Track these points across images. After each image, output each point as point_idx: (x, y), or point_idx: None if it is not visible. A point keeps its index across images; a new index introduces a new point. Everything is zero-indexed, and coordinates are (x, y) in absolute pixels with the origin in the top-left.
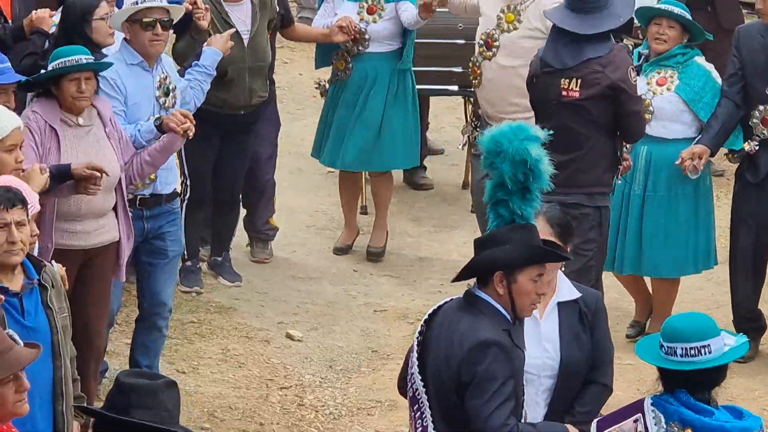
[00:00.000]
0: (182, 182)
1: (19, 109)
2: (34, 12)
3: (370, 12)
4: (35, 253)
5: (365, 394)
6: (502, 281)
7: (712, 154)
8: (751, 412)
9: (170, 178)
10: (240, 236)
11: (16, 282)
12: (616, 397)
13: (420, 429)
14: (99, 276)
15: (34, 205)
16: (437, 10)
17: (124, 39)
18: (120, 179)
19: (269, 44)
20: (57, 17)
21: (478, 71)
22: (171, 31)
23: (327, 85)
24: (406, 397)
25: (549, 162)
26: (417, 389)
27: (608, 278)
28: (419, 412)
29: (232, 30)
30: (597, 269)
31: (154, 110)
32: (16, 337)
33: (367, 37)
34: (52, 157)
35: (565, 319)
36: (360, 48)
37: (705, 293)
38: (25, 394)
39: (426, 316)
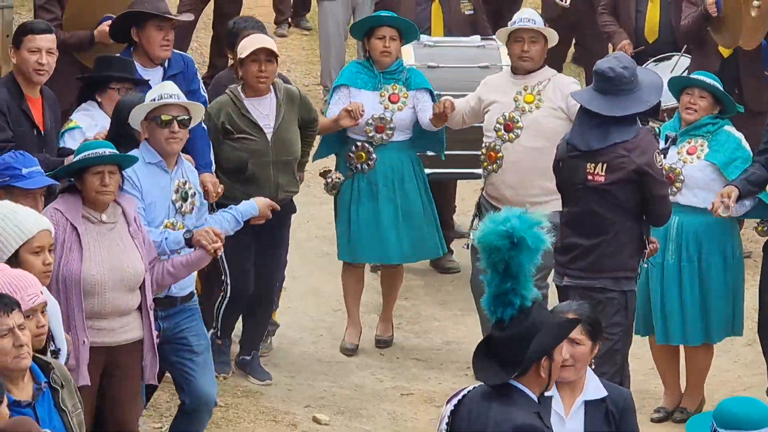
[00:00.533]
0: (223, 280)
1: None
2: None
3: (392, 101)
4: (63, 353)
5: None
6: (545, 366)
7: (740, 196)
8: None
9: (186, 283)
10: None
11: (26, 390)
12: None
13: None
14: (127, 374)
15: (38, 296)
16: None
17: (144, 140)
18: (144, 279)
19: (298, 138)
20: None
21: (497, 155)
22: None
23: (341, 179)
24: None
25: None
26: None
27: (634, 361)
28: None
29: (274, 205)
30: (623, 353)
31: (169, 214)
32: None
33: (392, 125)
34: (74, 255)
35: (591, 418)
36: (384, 137)
37: (732, 374)
38: None
39: (451, 406)
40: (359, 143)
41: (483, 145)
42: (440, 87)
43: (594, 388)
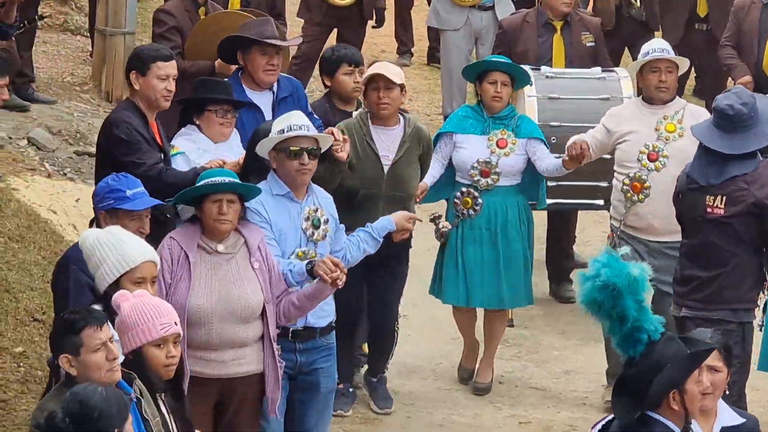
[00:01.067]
0: None
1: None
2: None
3: (500, 146)
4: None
5: None
6: (675, 398)
7: None
8: None
9: (325, 312)
10: None
11: None
12: None
13: None
14: (242, 408)
15: (171, 326)
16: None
17: (272, 169)
18: (265, 310)
19: (418, 177)
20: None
21: (644, 185)
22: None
23: (448, 227)
24: None
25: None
26: None
27: (752, 392)
28: None
29: (414, 216)
30: (740, 385)
31: (301, 243)
32: None
33: (498, 170)
34: (183, 285)
35: None
36: (490, 182)
37: None
38: None
39: None
40: (465, 189)
41: (624, 176)
42: (560, 118)
43: (728, 415)
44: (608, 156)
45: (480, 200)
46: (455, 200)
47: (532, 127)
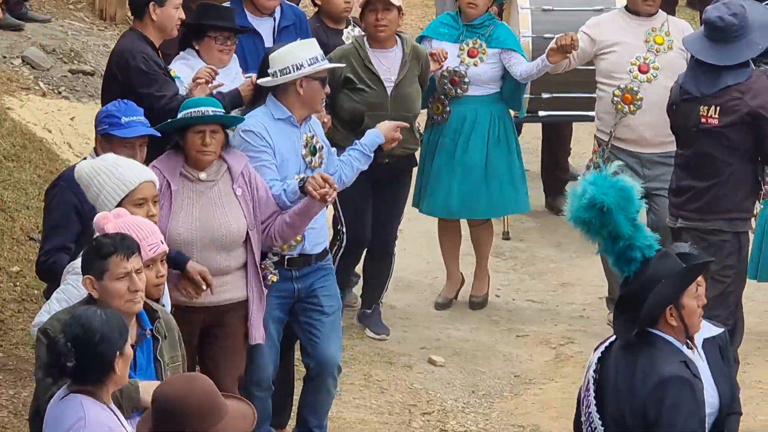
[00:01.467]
0: (339, 230)
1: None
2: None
3: (471, 55)
4: (168, 300)
5: (508, 419)
6: (672, 314)
7: None
8: None
9: (320, 239)
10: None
11: (131, 334)
12: (759, 421)
13: None
14: (227, 335)
15: (159, 245)
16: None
17: (271, 95)
18: (249, 237)
19: (420, 96)
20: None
21: (635, 97)
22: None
23: (421, 131)
24: None
25: (633, 183)
26: (596, 428)
27: (747, 304)
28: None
29: (403, 124)
30: (736, 295)
31: (300, 169)
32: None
33: (467, 80)
34: (163, 213)
35: (711, 355)
36: (459, 91)
37: None
38: None
39: (598, 353)
40: (435, 95)
41: (614, 87)
42: (555, 30)
43: (707, 326)
44: None
45: (448, 108)
46: (428, 103)
47: (506, 37)
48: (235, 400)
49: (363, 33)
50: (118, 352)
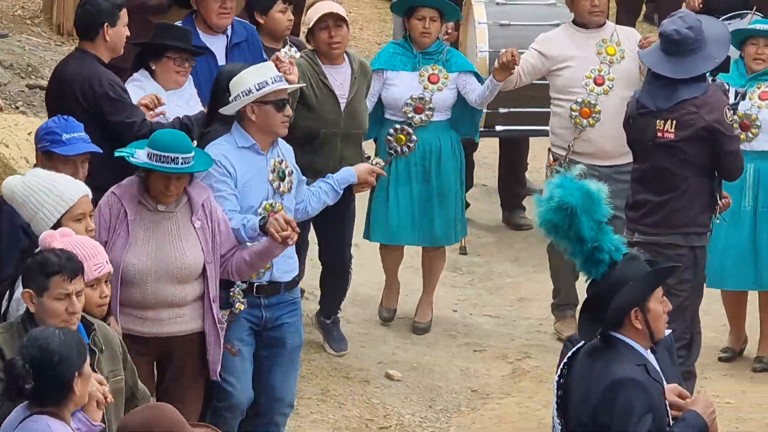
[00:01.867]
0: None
1: None
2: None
3: (432, 81)
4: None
5: None
6: (637, 317)
7: None
8: None
9: (289, 266)
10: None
11: None
12: None
13: None
14: (183, 368)
15: (103, 266)
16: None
17: (236, 122)
18: (206, 270)
19: (366, 112)
20: None
21: (593, 110)
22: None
23: (381, 163)
24: None
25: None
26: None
27: (704, 318)
28: None
29: (379, 167)
30: (692, 309)
31: (268, 195)
32: None
33: (431, 106)
34: (119, 243)
35: (662, 356)
36: (424, 118)
37: None
38: None
39: (565, 359)
40: (398, 126)
41: (570, 102)
42: (512, 45)
43: None
44: None
45: (414, 137)
46: (388, 137)
47: (463, 61)
48: (202, 428)
49: (300, 53)
50: (76, 373)
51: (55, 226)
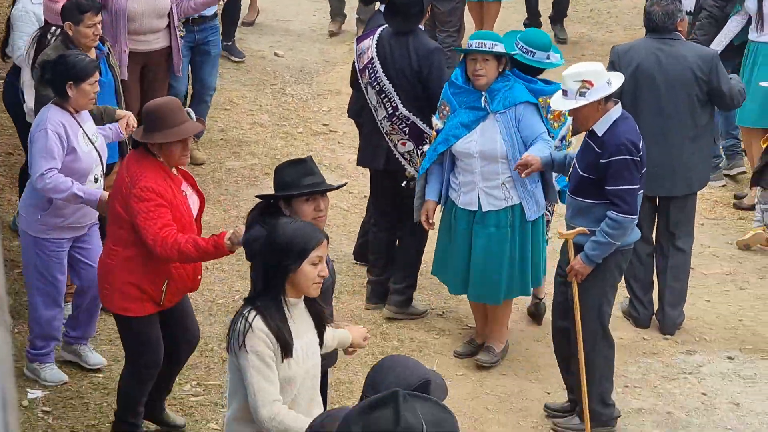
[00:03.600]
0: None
1: None
2: None
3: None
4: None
5: None
6: None
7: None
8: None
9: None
10: None
11: (92, 54)
12: None
13: (390, 109)
14: (159, 71)
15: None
16: None
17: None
18: (171, 8)
19: None
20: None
21: None
22: None
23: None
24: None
25: None
26: (383, 84)
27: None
28: (386, 98)
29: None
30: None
31: None
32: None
33: None
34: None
35: None
36: None
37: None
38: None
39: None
40: None
41: None
42: None
43: None
44: None
45: None
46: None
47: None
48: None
49: None
50: (75, 81)
51: None
